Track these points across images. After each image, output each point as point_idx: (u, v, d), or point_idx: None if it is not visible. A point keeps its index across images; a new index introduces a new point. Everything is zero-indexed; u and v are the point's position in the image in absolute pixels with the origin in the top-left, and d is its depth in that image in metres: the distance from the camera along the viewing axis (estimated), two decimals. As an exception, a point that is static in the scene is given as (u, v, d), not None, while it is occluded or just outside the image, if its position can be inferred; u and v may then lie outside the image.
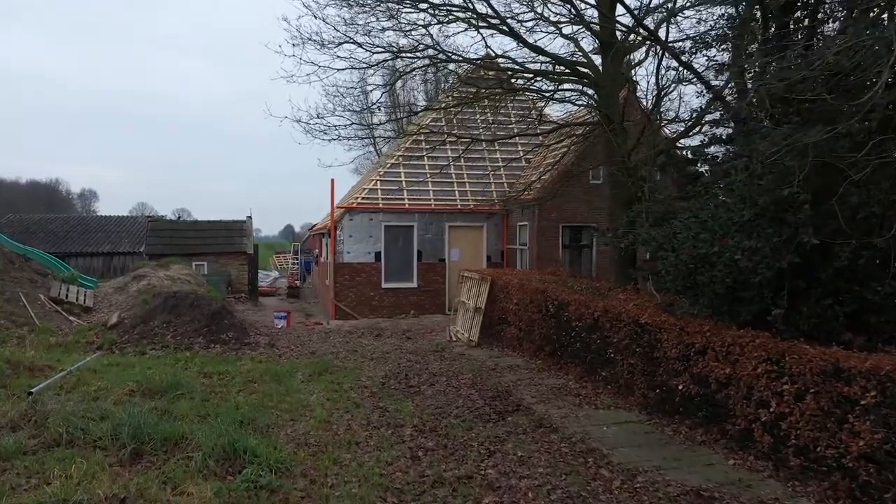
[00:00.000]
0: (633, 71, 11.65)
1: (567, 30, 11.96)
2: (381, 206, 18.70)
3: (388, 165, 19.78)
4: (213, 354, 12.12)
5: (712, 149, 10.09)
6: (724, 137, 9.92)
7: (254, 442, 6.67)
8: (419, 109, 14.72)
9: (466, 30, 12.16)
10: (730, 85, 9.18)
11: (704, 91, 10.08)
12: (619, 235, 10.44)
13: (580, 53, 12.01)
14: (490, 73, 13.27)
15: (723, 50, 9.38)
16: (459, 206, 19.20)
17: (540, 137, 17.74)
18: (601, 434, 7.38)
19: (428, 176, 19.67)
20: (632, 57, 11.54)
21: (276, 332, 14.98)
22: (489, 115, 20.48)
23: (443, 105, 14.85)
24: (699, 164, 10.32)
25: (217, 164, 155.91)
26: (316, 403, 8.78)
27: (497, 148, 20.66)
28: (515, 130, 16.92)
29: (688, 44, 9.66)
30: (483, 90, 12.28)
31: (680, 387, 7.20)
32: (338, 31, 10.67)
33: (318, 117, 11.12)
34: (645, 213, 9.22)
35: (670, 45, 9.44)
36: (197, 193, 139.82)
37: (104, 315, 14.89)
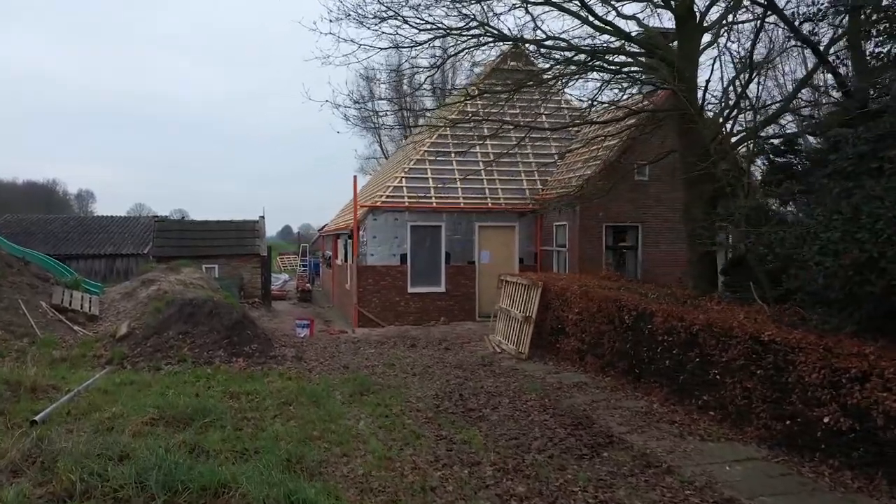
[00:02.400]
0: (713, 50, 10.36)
1: (629, 8, 10.67)
2: (406, 204, 17.42)
3: (413, 161, 18.49)
4: (236, 370, 10.83)
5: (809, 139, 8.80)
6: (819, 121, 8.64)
7: (312, 491, 5.41)
8: (458, 99, 13.36)
9: (514, 8, 10.90)
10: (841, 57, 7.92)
11: (804, 67, 8.79)
12: (702, 235, 9.17)
13: (643, 31, 10.74)
14: (537, 55, 11.98)
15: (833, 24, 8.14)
16: (490, 205, 17.92)
17: (587, 129, 16.50)
18: (726, 476, 6.10)
19: (456, 173, 18.40)
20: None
21: (301, 343, 13.69)
22: (518, 111, 19.20)
23: (478, 91, 13.54)
24: (794, 154, 9.05)
25: (215, 165, 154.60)
26: (367, 432, 7.51)
27: (528, 143, 19.36)
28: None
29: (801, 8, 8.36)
30: (536, 74, 11.00)
31: (825, 419, 5.92)
32: (381, 3, 9.40)
33: (356, 102, 9.81)
34: (737, 211, 7.95)
35: (783, 10, 8.16)
36: (195, 194, 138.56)
37: (112, 324, 13.57)
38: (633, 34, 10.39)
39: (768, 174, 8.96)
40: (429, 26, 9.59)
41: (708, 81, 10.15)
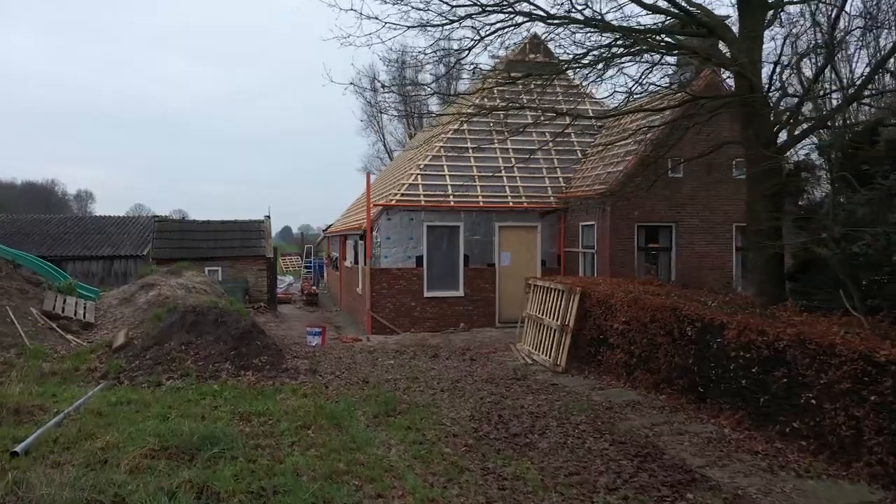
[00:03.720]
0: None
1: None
2: (423, 203, 16.36)
3: (429, 158, 17.44)
4: (245, 385, 9.77)
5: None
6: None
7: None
8: (483, 85, 12.25)
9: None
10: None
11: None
12: (771, 235, 8.12)
13: (698, 9, 9.67)
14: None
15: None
16: (511, 204, 16.86)
17: (618, 122, 15.48)
18: (845, 527, 5.06)
19: (474, 170, 17.36)
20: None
21: (313, 353, 12.62)
22: (537, 101, 18.15)
23: (510, 77, 12.43)
24: (872, 144, 7.99)
25: (214, 166, 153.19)
26: (401, 465, 6.46)
27: (549, 139, 18.31)
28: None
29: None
30: (576, 59, 9.92)
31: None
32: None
33: (384, 87, 8.74)
34: (834, 208, 6.90)
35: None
36: (194, 195, 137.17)
37: (108, 333, 12.52)
38: (686, 12, 9.32)
39: (843, 166, 7.90)
40: (466, 2, 8.54)
41: (777, 63, 9.02)
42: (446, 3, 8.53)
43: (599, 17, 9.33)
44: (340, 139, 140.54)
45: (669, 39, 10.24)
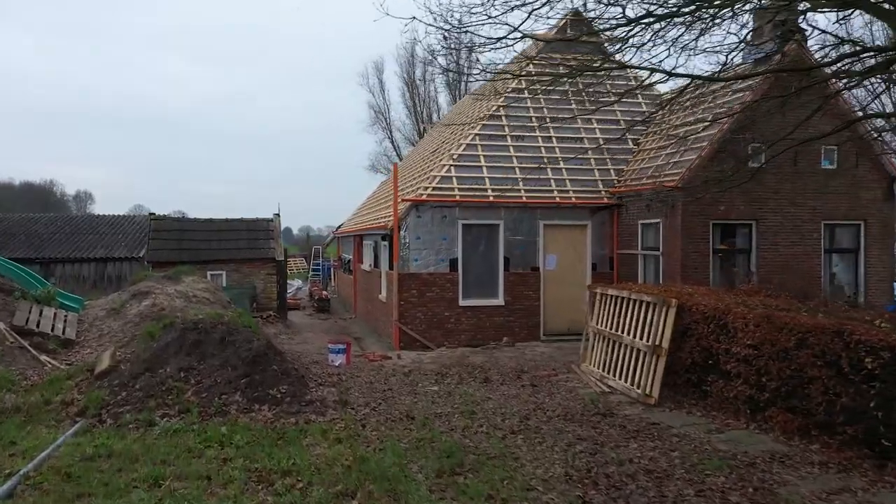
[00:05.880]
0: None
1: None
2: (457, 198, 14.25)
3: (462, 147, 15.32)
4: (261, 423, 7.68)
5: None
6: None
7: None
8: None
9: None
10: None
11: None
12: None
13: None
14: None
15: None
16: (558, 200, 14.74)
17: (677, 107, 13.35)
18: None
19: (514, 161, 15.26)
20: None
21: (339, 376, 10.50)
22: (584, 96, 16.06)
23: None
24: None
25: (214, 166, 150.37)
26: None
27: (595, 126, 16.25)
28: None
29: None
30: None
31: None
32: None
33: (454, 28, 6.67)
34: None
35: None
36: (194, 195, 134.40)
37: (91, 352, 10.42)
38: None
39: None
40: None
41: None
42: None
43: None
44: (341, 139, 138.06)
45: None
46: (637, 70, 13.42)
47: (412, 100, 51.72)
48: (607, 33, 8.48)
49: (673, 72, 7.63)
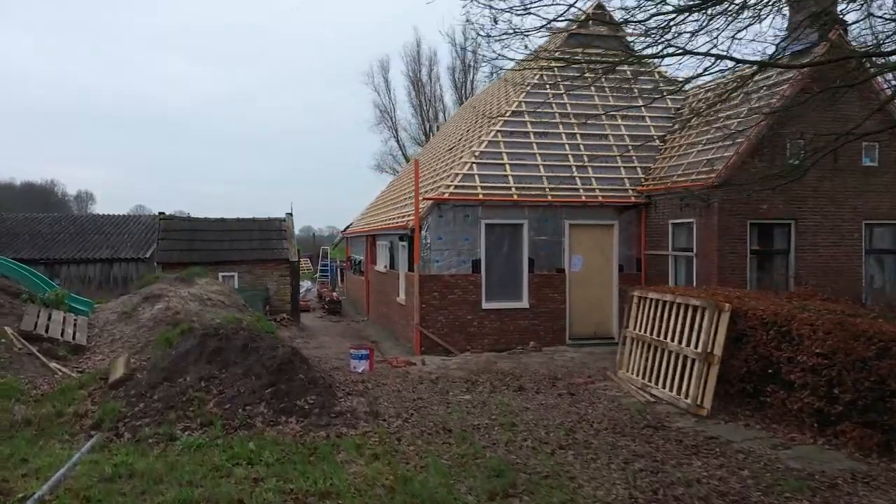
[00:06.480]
0: None
1: None
2: (480, 197, 13.70)
3: (485, 144, 14.78)
4: (289, 437, 7.15)
5: None
6: None
7: None
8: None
9: None
10: None
11: None
12: None
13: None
14: None
15: None
16: (584, 198, 14.19)
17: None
18: None
19: (538, 158, 14.72)
20: None
21: (364, 383, 9.96)
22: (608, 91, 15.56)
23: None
24: None
25: (214, 166, 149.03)
26: None
27: (620, 123, 15.72)
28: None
29: None
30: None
31: None
32: None
33: None
34: None
35: None
36: (195, 195, 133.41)
37: (104, 358, 9.88)
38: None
39: None
40: None
41: None
42: None
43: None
44: (341, 139, 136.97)
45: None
46: (661, 65, 12.99)
47: (418, 99, 51.24)
48: (653, 20, 7.95)
49: (736, 58, 7.08)
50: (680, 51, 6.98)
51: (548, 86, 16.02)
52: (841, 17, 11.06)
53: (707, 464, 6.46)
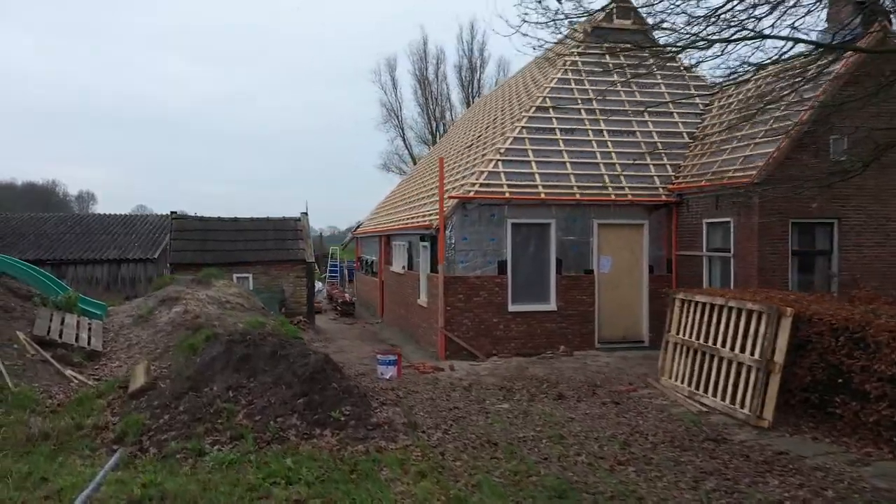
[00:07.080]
0: None
1: None
2: (507, 195, 13.20)
3: (510, 140, 14.27)
4: (326, 452, 6.64)
5: None
6: None
7: None
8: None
9: None
10: None
11: None
12: None
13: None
14: None
15: None
16: (613, 197, 13.69)
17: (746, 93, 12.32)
18: None
19: (565, 155, 14.23)
20: None
21: (395, 391, 9.46)
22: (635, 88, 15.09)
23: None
24: None
25: (214, 166, 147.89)
26: None
27: (648, 119, 15.21)
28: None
29: None
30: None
31: None
32: None
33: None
34: None
35: None
36: (195, 195, 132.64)
37: (121, 365, 9.39)
38: None
39: None
40: None
41: None
42: None
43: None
44: (341, 139, 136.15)
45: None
46: (683, 59, 12.50)
47: (424, 97, 50.68)
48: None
49: (814, 41, 6.58)
50: (752, 34, 6.46)
51: (573, 81, 15.55)
52: (887, 8, 10.62)
53: (785, 483, 5.96)
